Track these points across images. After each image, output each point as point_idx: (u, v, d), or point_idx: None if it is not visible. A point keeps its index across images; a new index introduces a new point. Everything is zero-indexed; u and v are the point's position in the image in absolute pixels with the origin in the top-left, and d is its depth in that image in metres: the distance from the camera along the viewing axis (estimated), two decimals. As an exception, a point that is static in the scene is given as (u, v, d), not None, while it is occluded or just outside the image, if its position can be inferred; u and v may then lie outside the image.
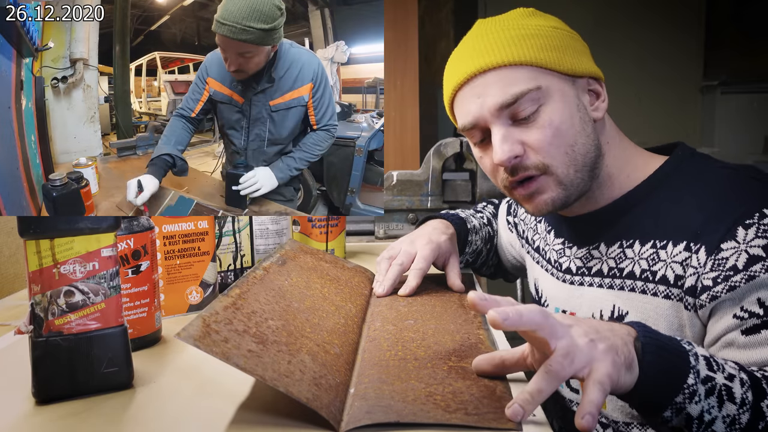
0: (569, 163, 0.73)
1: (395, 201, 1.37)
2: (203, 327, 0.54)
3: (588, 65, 0.75)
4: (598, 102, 0.76)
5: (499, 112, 0.72)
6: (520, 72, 0.71)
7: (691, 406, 0.55)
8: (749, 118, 3.01)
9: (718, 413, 0.55)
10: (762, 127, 3.01)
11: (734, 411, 0.56)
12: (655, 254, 0.72)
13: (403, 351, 0.65)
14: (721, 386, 0.56)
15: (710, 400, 0.55)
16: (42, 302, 0.57)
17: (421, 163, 1.39)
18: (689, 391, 0.55)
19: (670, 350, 0.56)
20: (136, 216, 0.72)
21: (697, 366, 0.56)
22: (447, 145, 1.36)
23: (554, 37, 0.74)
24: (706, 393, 0.55)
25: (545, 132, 0.71)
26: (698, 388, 0.55)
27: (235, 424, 0.53)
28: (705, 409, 0.55)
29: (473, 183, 1.40)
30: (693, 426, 0.56)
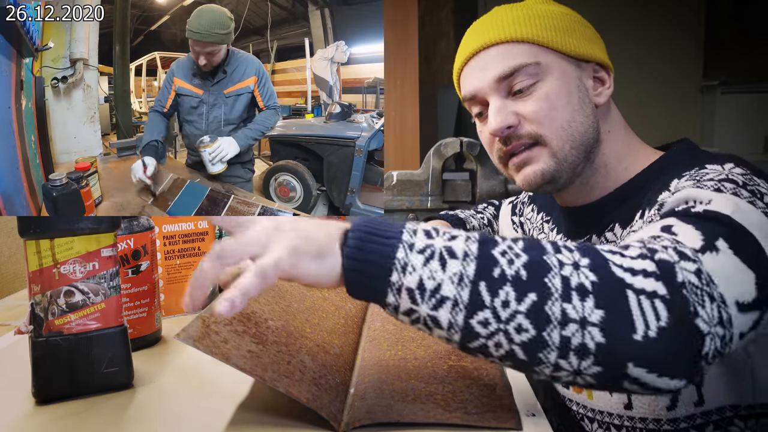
0: (565, 137, 0.73)
1: (395, 201, 1.37)
2: (203, 328, 0.54)
3: (596, 51, 0.76)
4: (603, 88, 0.77)
5: (497, 84, 0.74)
6: (521, 47, 0.73)
7: (407, 278, 0.48)
8: (749, 118, 3.01)
9: (443, 275, 0.48)
10: (762, 127, 3.01)
11: (459, 266, 0.48)
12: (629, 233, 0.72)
13: (403, 351, 0.65)
14: (441, 248, 0.49)
15: (430, 264, 0.49)
16: (42, 302, 0.57)
17: (421, 163, 1.39)
18: (401, 265, 0.49)
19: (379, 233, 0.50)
20: (136, 216, 0.72)
21: (412, 239, 0.50)
22: (447, 145, 1.36)
23: (562, 20, 0.75)
24: (425, 260, 0.49)
25: (540, 104, 0.72)
26: (411, 259, 0.49)
27: (234, 424, 0.53)
28: (426, 276, 0.48)
29: (473, 183, 1.40)
30: (417, 298, 0.49)
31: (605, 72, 0.77)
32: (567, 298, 0.47)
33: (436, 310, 0.48)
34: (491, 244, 0.50)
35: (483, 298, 0.48)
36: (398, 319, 0.51)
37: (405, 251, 0.49)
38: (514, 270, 0.48)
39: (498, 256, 0.49)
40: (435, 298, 0.48)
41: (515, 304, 0.47)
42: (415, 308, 0.49)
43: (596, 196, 0.79)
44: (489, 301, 0.47)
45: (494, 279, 0.48)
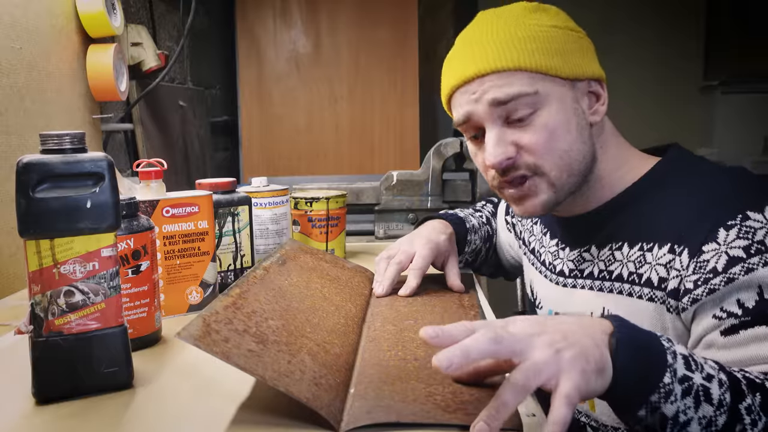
0: (563, 167, 0.72)
1: (395, 201, 1.38)
2: (203, 326, 0.54)
3: (589, 67, 0.74)
4: (597, 105, 0.75)
5: (492, 110, 0.71)
6: (517, 76, 0.71)
7: (666, 406, 0.52)
8: (749, 118, 3.01)
9: (694, 414, 0.52)
10: (762, 128, 3.01)
11: (711, 412, 0.53)
12: (642, 257, 0.71)
13: (403, 351, 0.65)
14: (699, 386, 0.53)
15: (686, 400, 0.52)
16: (42, 302, 0.57)
17: (421, 163, 1.39)
18: (665, 391, 0.52)
19: (646, 347, 0.53)
20: (135, 215, 0.72)
21: (674, 365, 0.53)
22: (447, 145, 1.36)
23: (555, 39, 0.72)
24: (683, 393, 0.52)
25: (540, 135, 0.71)
26: (674, 387, 0.52)
27: (235, 424, 0.53)
28: (681, 410, 0.52)
29: (473, 183, 1.40)
30: (667, 426, 0.52)
31: (599, 85, 0.75)
32: None
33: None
34: (739, 396, 0.54)
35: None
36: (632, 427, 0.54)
37: (671, 377, 0.52)
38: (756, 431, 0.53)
39: (744, 413, 0.53)
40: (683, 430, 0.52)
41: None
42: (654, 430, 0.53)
43: (592, 206, 0.78)
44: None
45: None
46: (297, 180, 1.72)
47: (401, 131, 2.29)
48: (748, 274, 0.62)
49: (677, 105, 3.03)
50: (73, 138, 0.58)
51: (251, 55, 2.25)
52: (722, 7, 3.08)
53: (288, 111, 2.27)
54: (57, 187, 0.57)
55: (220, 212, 0.92)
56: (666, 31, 3.04)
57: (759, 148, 3.00)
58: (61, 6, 1.20)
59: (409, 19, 2.26)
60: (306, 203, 1.07)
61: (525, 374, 0.50)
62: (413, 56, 2.27)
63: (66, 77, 1.21)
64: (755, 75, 2.98)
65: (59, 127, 1.16)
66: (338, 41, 2.25)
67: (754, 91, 3.01)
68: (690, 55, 3.11)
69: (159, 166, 0.96)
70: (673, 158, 0.76)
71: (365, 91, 2.27)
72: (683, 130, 2.93)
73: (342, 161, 2.29)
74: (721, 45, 3.09)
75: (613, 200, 0.76)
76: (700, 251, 0.65)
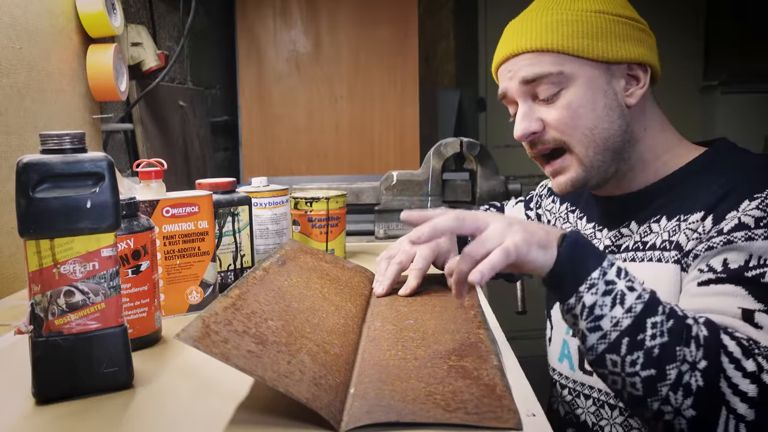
0: (588, 144, 0.76)
1: (395, 201, 1.38)
2: (203, 328, 0.54)
3: (629, 51, 0.76)
4: (634, 88, 0.77)
5: (522, 87, 0.77)
6: (546, 56, 0.76)
7: (587, 296, 0.61)
8: (749, 119, 3.01)
9: (608, 312, 0.61)
10: (762, 128, 3.01)
11: (620, 314, 0.60)
12: (677, 226, 0.74)
13: (403, 351, 0.65)
14: (618, 291, 0.61)
15: (606, 298, 0.61)
16: (42, 302, 0.57)
17: (421, 163, 1.39)
18: (590, 283, 0.61)
19: (587, 248, 0.63)
20: (135, 215, 0.72)
21: (606, 269, 0.62)
22: (447, 145, 1.36)
23: (593, 23, 0.75)
24: (604, 292, 0.61)
25: (563, 112, 0.75)
26: (598, 283, 0.61)
27: (234, 424, 0.53)
28: (598, 304, 0.61)
29: (473, 183, 1.40)
30: (584, 313, 0.61)
31: (641, 70, 0.77)
32: (674, 389, 0.58)
33: (590, 333, 0.62)
34: (651, 311, 0.61)
35: (621, 349, 0.60)
36: (563, 317, 0.65)
37: (599, 275, 0.62)
38: (651, 344, 0.60)
39: (648, 326, 0.60)
40: (594, 323, 0.61)
41: (639, 368, 0.59)
42: (577, 320, 0.63)
43: (635, 187, 0.81)
44: (623, 354, 0.60)
45: (635, 341, 0.60)
46: (297, 180, 1.72)
47: (401, 130, 2.29)
48: (746, 241, 0.64)
49: (677, 105, 3.03)
50: (73, 138, 0.58)
51: (251, 55, 2.25)
52: (722, 8, 3.08)
53: (288, 111, 2.27)
54: (57, 187, 0.57)
55: (220, 212, 0.92)
56: (666, 31, 3.02)
57: (759, 148, 3.00)
58: (61, 6, 1.20)
59: (409, 18, 2.26)
60: (306, 203, 1.07)
61: (477, 243, 0.63)
62: (413, 55, 2.27)
63: (66, 77, 1.21)
64: (755, 75, 2.98)
65: (59, 127, 1.16)
66: (338, 40, 2.25)
67: (754, 91, 3.01)
68: (690, 54, 3.12)
69: (159, 166, 0.96)
70: (721, 148, 0.78)
71: (365, 90, 2.27)
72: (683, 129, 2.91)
73: (342, 161, 2.29)
74: (721, 45, 3.09)
75: (658, 182, 0.79)
76: (723, 218, 0.68)
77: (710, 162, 0.77)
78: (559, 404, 0.88)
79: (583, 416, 0.83)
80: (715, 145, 0.79)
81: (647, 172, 0.79)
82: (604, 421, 0.80)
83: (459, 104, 2.69)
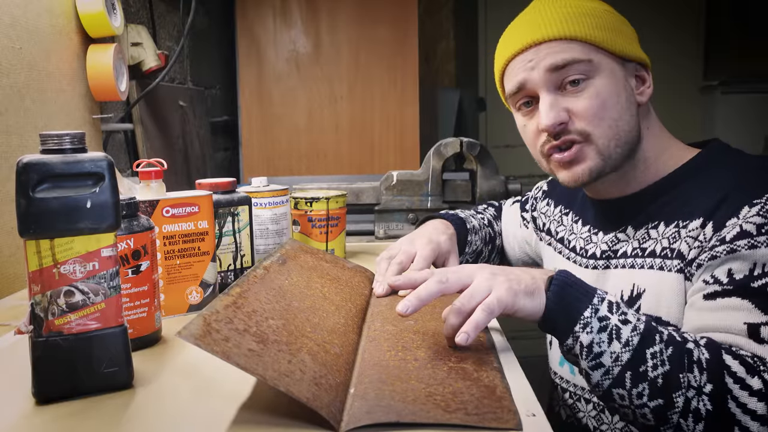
0: (612, 136, 0.75)
1: (395, 201, 1.38)
2: (204, 326, 0.54)
3: (637, 50, 0.78)
4: (644, 87, 0.79)
5: (548, 76, 0.75)
6: (573, 45, 0.75)
7: (583, 335, 0.62)
8: (749, 118, 3.01)
9: (607, 348, 0.61)
10: (762, 128, 3.01)
11: (618, 349, 0.61)
12: (677, 233, 0.73)
13: (404, 351, 0.65)
14: (614, 326, 0.62)
15: (602, 335, 0.61)
16: (42, 302, 0.57)
17: (421, 163, 1.39)
18: (584, 323, 0.62)
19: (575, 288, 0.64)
20: (135, 216, 0.72)
21: (598, 305, 0.63)
22: (447, 145, 1.36)
23: (607, 19, 0.77)
24: (600, 329, 0.62)
25: (592, 102, 0.74)
26: (592, 321, 0.62)
27: (235, 424, 0.53)
28: (596, 341, 0.61)
29: (473, 183, 1.40)
30: (584, 352, 0.62)
31: (645, 71, 0.79)
32: (684, 415, 0.59)
33: (593, 371, 0.62)
34: (648, 342, 0.61)
35: (626, 383, 0.61)
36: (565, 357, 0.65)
37: (591, 313, 0.62)
38: (655, 375, 0.60)
39: (648, 357, 0.61)
40: (595, 361, 0.62)
41: (646, 399, 0.60)
42: (578, 360, 0.63)
43: (632, 189, 0.80)
44: (629, 387, 0.61)
45: (638, 374, 0.60)
46: (297, 180, 1.72)
47: (401, 130, 2.29)
48: (750, 249, 0.64)
49: (677, 105, 3.03)
50: (73, 138, 0.58)
51: (251, 55, 2.25)
52: (722, 8, 3.08)
53: (288, 111, 2.27)
54: (57, 187, 0.56)
55: (220, 212, 0.92)
56: (666, 31, 3.03)
57: (759, 148, 3.00)
58: (61, 6, 1.20)
59: (409, 18, 2.26)
60: (306, 203, 1.07)
61: (465, 296, 0.64)
62: (413, 54, 2.27)
63: (66, 77, 1.21)
64: (755, 75, 2.98)
65: (59, 127, 1.16)
66: (338, 40, 2.25)
67: (754, 91, 3.01)
68: (690, 55, 3.12)
69: (159, 166, 0.96)
70: (715, 149, 0.78)
71: (365, 89, 2.27)
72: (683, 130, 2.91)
73: (342, 161, 2.29)
74: (721, 45, 3.09)
75: (654, 184, 0.79)
76: (723, 226, 0.67)
77: (704, 163, 0.76)
78: (561, 407, 0.88)
79: (585, 420, 0.83)
80: (709, 146, 0.79)
81: (646, 172, 0.79)
82: (605, 426, 0.80)
83: (459, 104, 2.69)
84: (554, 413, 0.90)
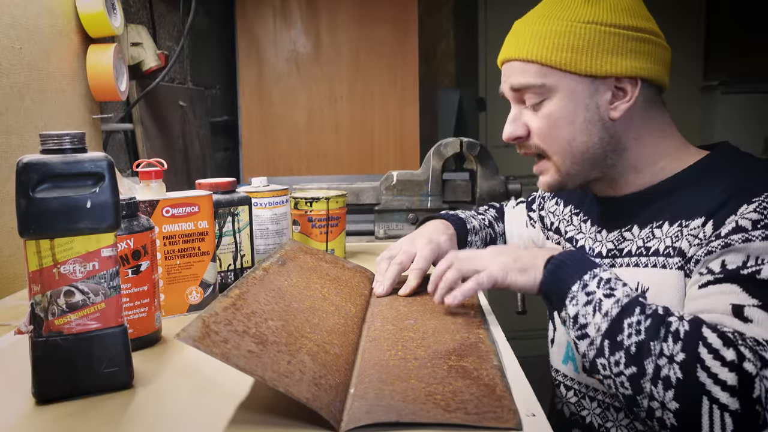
0: (565, 154, 0.79)
1: (395, 201, 1.38)
2: (203, 328, 0.54)
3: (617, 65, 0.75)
4: (620, 102, 0.77)
5: (511, 93, 0.81)
6: (532, 67, 0.78)
7: (570, 307, 0.67)
8: (749, 119, 3.01)
9: (591, 320, 0.66)
10: (762, 128, 3.01)
11: (599, 320, 0.65)
12: (680, 231, 0.74)
13: (403, 351, 0.65)
14: (597, 300, 0.66)
15: (587, 308, 0.66)
16: (42, 302, 0.57)
17: (421, 163, 1.39)
18: (571, 296, 0.67)
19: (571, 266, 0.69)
20: (135, 215, 0.72)
21: (587, 281, 0.67)
22: (447, 145, 1.36)
23: (583, 35, 0.75)
24: (585, 302, 0.66)
25: (544, 123, 0.79)
26: (578, 295, 0.67)
27: (234, 424, 0.53)
28: (581, 314, 0.66)
29: (473, 183, 1.40)
30: (571, 323, 0.67)
31: (630, 84, 0.77)
32: (654, 382, 0.60)
33: (579, 341, 0.67)
34: (627, 313, 0.64)
35: (605, 352, 0.64)
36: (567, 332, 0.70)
37: (578, 287, 0.67)
38: (629, 343, 0.63)
39: (626, 326, 0.64)
40: (581, 332, 0.67)
41: (623, 367, 0.63)
42: (568, 330, 0.68)
43: (633, 189, 0.82)
44: (607, 356, 0.64)
45: (615, 342, 0.64)
46: (297, 180, 1.72)
47: (401, 130, 2.29)
48: (744, 243, 0.65)
49: (677, 105, 3.02)
50: (73, 138, 0.58)
51: (251, 55, 2.24)
52: (722, 8, 3.08)
53: (288, 111, 2.27)
54: (57, 187, 0.57)
55: (220, 212, 0.92)
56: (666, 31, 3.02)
57: (759, 149, 3.00)
58: (61, 6, 1.20)
59: (409, 18, 2.26)
60: (306, 203, 1.07)
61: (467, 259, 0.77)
62: (413, 54, 2.27)
63: (66, 77, 1.21)
64: (755, 75, 2.98)
65: (59, 127, 1.16)
66: (338, 39, 2.25)
67: (754, 91, 3.01)
68: (690, 55, 3.11)
69: (159, 166, 0.96)
70: (722, 151, 0.79)
71: (365, 89, 2.27)
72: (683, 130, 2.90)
73: (342, 161, 2.29)
74: (721, 45, 3.09)
75: (658, 184, 0.79)
76: (723, 224, 0.68)
77: (711, 165, 0.77)
78: (564, 405, 0.88)
79: (589, 418, 0.83)
80: (717, 148, 0.79)
81: (641, 177, 0.80)
82: (609, 423, 0.80)
83: (459, 104, 2.69)
84: (557, 411, 0.90)
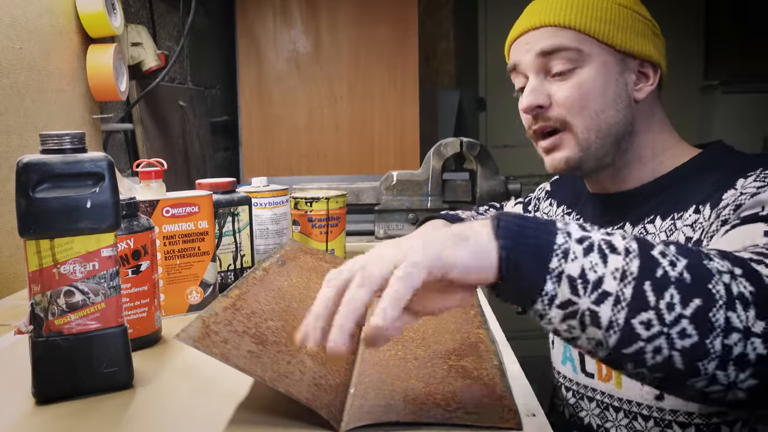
0: (591, 126, 0.76)
1: (395, 201, 1.38)
2: (203, 328, 0.54)
3: (645, 47, 0.77)
4: (644, 84, 0.78)
5: (537, 60, 0.77)
6: (568, 32, 0.76)
7: (568, 265, 0.46)
8: (749, 118, 3.01)
9: (604, 269, 0.46)
10: (761, 128, 3.01)
11: (621, 261, 0.46)
12: (673, 225, 0.74)
13: (403, 350, 0.65)
14: (600, 240, 0.47)
15: (591, 256, 0.46)
16: (42, 302, 0.57)
17: (421, 163, 1.39)
18: (562, 251, 0.46)
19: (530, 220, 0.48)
20: (135, 215, 0.72)
21: (567, 228, 0.48)
22: (447, 145, 1.36)
23: (615, 13, 0.76)
24: (585, 251, 0.46)
25: (573, 91, 0.75)
26: (572, 245, 0.46)
27: (234, 424, 0.53)
28: (588, 267, 0.46)
29: (473, 183, 1.40)
30: (579, 288, 0.45)
31: (651, 68, 0.79)
32: (731, 306, 0.45)
33: (598, 305, 0.45)
34: (648, 245, 0.48)
35: (648, 297, 0.45)
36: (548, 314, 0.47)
37: (564, 237, 0.47)
38: (678, 272, 0.46)
39: (658, 257, 0.47)
40: (597, 291, 0.45)
41: (680, 307, 0.45)
42: (574, 300, 0.46)
43: (630, 185, 0.81)
44: (654, 302, 0.45)
45: (659, 279, 0.46)
46: (297, 180, 1.72)
47: (401, 130, 2.29)
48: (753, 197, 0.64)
49: (677, 105, 3.03)
50: (73, 138, 0.58)
51: (251, 55, 2.24)
52: (722, 8, 3.08)
53: (288, 111, 2.27)
54: (57, 187, 0.56)
55: (220, 212, 0.92)
56: (666, 31, 3.03)
57: (759, 149, 3.00)
58: (61, 6, 1.20)
59: (409, 17, 2.26)
60: (306, 203, 1.07)
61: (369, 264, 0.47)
62: (413, 54, 2.27)
63: (66, 77, 1.21)
64: (755, 75, 2.98)
65: (59, 127, 1.16)
66: (338, 39, 2.25)
67: (754, 91, 3.01)
68: (690, 55, 3.11)
69: (159, 166, 0.96)
70: (716, 150, 0.79)
71: (365, 89, 2.27)
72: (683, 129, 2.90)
73: (342, 161, 2.29)
74: (721, 45, 3.09)
75: (653, 182, 0.79)
76: (720, 200, 0.68)
77: (704, 163, 0.77)
78: (564, 407, 0.88)
79: (588, 419, 0.83)
80: (711, 147, 0.80)
81: (643, 170, 0.80)
82: (609, 423, 0.80)
83: (459, 104, 2.69)
84: (558, 413, 0.90)
